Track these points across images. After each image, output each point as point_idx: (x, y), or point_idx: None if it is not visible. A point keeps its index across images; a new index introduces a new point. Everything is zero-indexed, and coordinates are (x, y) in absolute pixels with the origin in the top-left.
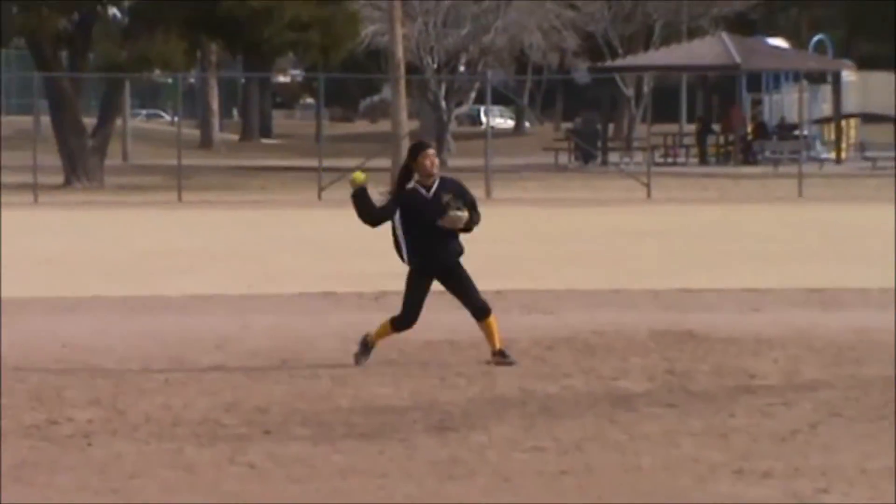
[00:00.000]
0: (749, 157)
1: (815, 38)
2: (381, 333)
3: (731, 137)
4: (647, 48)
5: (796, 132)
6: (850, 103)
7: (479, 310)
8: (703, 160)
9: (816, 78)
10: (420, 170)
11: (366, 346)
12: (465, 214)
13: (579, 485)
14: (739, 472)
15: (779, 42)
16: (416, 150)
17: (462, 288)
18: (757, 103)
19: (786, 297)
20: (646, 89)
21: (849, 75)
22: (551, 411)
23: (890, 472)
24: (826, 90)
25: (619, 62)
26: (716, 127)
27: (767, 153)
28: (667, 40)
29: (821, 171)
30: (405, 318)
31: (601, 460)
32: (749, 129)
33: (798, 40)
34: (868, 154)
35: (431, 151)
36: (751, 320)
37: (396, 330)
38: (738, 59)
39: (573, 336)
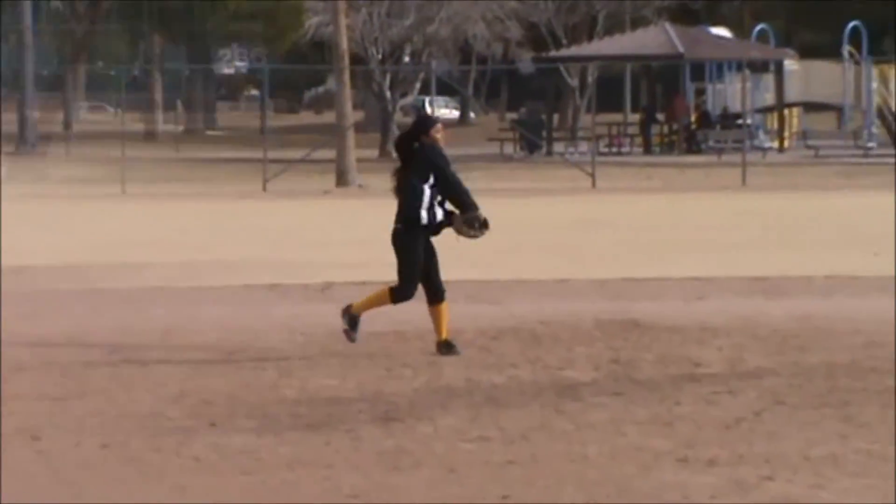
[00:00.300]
0: (693, 147)
1: (758, 28)
2: (371, 304)
3: (674, 127)
4: (590, 38)
5: (739, 121)
6: (793, 92)
7: (441, 292)
8: (648, 149)
9: (759, 67)
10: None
11: (353, 320)
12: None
13: (525, 475)
14: (684, 459)
15: (721, 32)
16: (427, 123)
17: (434, 264)
18: (700, 93)
19: (730, 286)
20: (590, 79)
21: (791, 64)
22: (497, 401)
23: (833, 459)
24: (769, 79)
25: (563, 52)
26: (660, 116)
27: (711, 142)
28: (610, 30)
29: (764, 159)
30: (406, 290)
31: (547, 450)
32: (693, 118)
33: (741, 30)
34: (810, 142)
35: (441, 125)
36: (695, 309)
37: (396, 301)
38: (681, 49)
39: (519, 326)
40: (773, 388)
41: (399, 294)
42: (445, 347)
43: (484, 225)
